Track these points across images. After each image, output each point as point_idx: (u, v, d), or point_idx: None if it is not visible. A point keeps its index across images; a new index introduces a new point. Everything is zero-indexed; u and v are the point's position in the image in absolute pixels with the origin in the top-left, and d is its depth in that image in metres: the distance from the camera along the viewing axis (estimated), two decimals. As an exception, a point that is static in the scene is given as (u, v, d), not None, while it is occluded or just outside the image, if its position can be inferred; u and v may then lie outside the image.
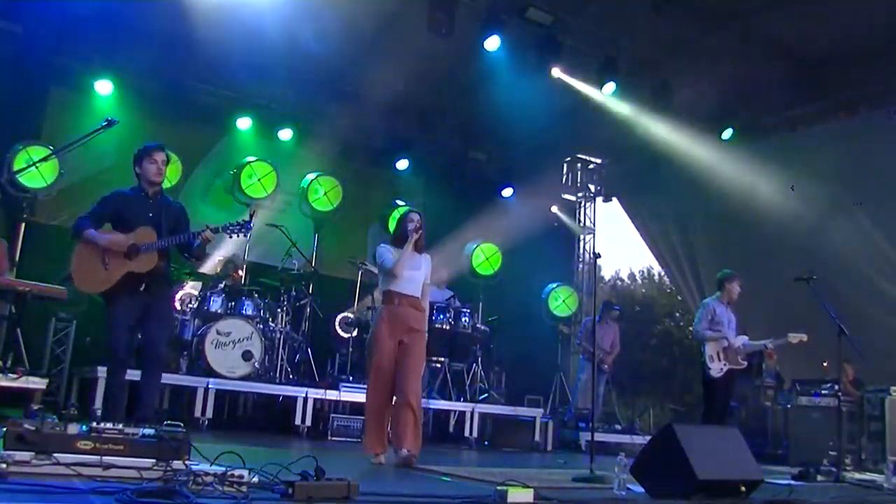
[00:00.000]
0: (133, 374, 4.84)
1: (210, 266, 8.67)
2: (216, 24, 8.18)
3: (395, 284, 5.26)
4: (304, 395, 7.66)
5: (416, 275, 5.33)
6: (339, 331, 9.55)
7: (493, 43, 8.86)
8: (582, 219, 13.37)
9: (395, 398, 5.18)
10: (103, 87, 9.11)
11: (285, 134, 10.41)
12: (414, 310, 5.30)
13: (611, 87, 9.76)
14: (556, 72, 9.64)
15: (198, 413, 7.10)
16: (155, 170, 4.81)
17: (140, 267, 4.64)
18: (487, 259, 11.47)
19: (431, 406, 8.87)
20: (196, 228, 4.83)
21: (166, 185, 8.03)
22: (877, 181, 9.21)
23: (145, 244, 4.65)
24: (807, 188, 9.53)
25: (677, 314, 26.49)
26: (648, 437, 5.81)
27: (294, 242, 8.92)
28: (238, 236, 5.05)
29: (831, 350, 6.58)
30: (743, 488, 4.03)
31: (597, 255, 6.37)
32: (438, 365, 9.09)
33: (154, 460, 3.08)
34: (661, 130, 10.25)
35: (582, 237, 13.32)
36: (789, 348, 7.36)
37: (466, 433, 8.58)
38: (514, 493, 3.30)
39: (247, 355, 7.59)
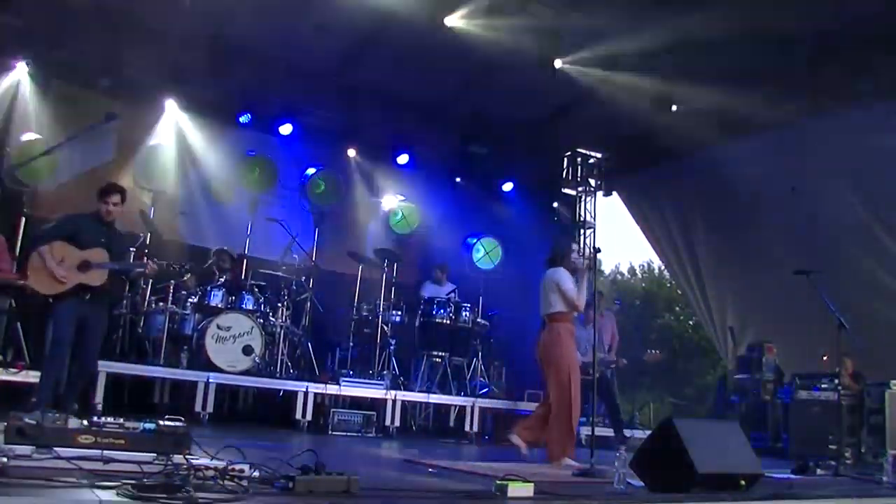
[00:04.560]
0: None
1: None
2: (215, 18, 8.15)
3: (569, 308, 5.91)
4: (304, 389, 7.68)
5: None
6: (340, 325, 9.55)
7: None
8: (582, 213, 13.33)
9: (550, 407, 5.73)
10: (103, 82, 9.07)
11: (285, 128, 10.39)
12: None
13: (610, 80, 9.73)
14: (557, 65, 9.61)
15: (198, 407, 7.12)
16: (105, 210, 5.47)
17: (92, 280, 5.34)
18: (488, 253, 11.46)
19: (432, 401, 8.88)
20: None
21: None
22: (876, 174, 9.18)
23: (98, 263, 5.34)
24: (806, 181, 9.51)
25: (677, 308, 26.54)
26: (648, 432, 5.82)
27: (294, 237, 8.92)
28: (178, 278, 6.12)
29: (831, 344, 6.57)
30: (742, 482, 4.04)
31: (597, 250, 6.43)
32: (439, 360, 9.10)
33: (155, 454, 3.09)
34: (660, 123, 10.21)
35: (582, 231, 13.28)
36: (790, 341, 7.39)
37: (467, 427, 8.60)
38: (515, 488, 3.31)
39: (247, 350, 7.61)
